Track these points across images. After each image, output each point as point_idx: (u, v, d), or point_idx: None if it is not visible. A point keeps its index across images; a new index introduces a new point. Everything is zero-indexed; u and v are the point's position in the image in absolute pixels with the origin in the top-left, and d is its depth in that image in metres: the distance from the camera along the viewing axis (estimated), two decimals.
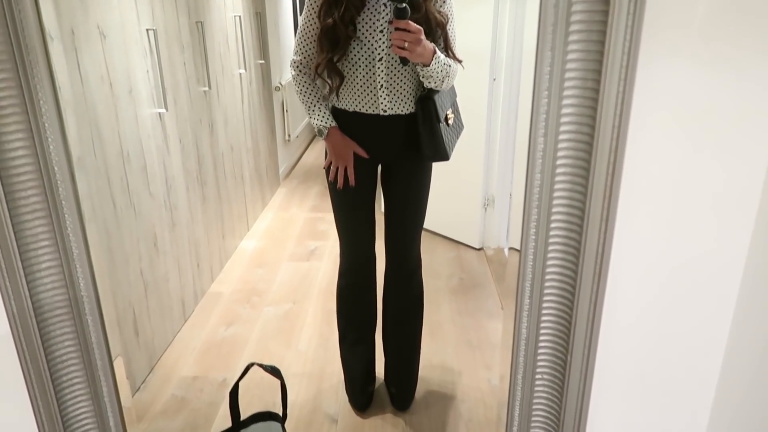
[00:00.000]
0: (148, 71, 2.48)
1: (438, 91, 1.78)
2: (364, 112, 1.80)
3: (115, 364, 1.01)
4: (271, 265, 3.47)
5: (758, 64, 0.85)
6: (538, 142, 0.76)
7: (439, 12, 1.72)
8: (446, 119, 1.82)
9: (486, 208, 3.63)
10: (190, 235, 2.95)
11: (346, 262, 2.08)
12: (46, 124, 0.79)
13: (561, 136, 0.80)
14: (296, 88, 1.88)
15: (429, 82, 1.72)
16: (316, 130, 1.88)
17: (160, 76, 2.54)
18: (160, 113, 2.59)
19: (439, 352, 2.53)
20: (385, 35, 1.69)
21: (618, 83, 0.76)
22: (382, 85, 1.75)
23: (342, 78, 1.77)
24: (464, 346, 2.57)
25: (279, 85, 4.84)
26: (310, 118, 1.88)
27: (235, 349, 2.59)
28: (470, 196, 3.62)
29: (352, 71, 1.75)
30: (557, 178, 0.80)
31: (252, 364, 1.72)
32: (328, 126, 1.84)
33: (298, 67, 1.85)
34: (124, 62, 2.29)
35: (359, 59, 1.73)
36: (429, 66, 1.65)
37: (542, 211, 0.79)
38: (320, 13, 1.72)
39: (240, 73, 3.78)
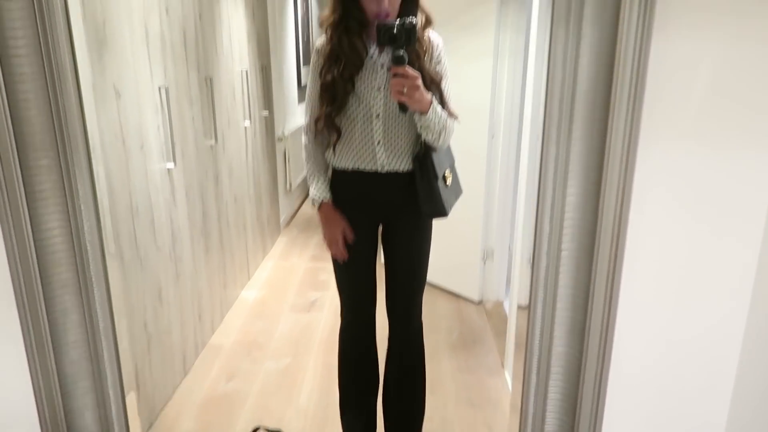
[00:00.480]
0: (159, 127, 2.56)
1: (435, 150, 1.82)
2: (363, 168, 1.83)
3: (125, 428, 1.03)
4: (272, 316, 3.48)
5: (747, 145, 0.91)
6: (544, 226, 0.81)
7: (434, 70, 1.78)
8: (444, 179, 1.86)
9: (485, 261, 3.66)
10: (193, 286, 2.97)
11: (346, 322, 2.09)
12: (82, 206, 0.83)
13: (566, 214, 0.84)
14: (304, 153, 1.95)
15: (427, 134, 1.74)
16: (311, 199, 1.96)
17: (170, 132, 2.62)
18: (169, 168, 2.66)
19: (439, 408, 2.51)
20: (383, 93, 1.75)
21: (620, 165, 0.81)
22: (379, 141, 1.79)
23: (339, 133, 1.82)
24: (465, 404, 2.57)
25: (282, 135, 4.95)
26: (309, 185, 1.96)
27: (236, 405, 2.57)
28: (469, 248, 3.66)
29: (350, 127, 1.81)
30: (562, 261, 0.84)
31: (258, 428, 1.73)
32: (322, 199, 1.90)
33: (306, 132, 1.93)
34: (137, 119, 2.37)
35: (357, 115, 1.79)
36: (426, 115, 1.68)
37: (548, 295, 0.83)
38: (321, 71, 1.79)
39: (245, 125, 3.87)
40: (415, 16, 1.73)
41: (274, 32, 4.61)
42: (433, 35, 1.80)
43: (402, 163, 1.83)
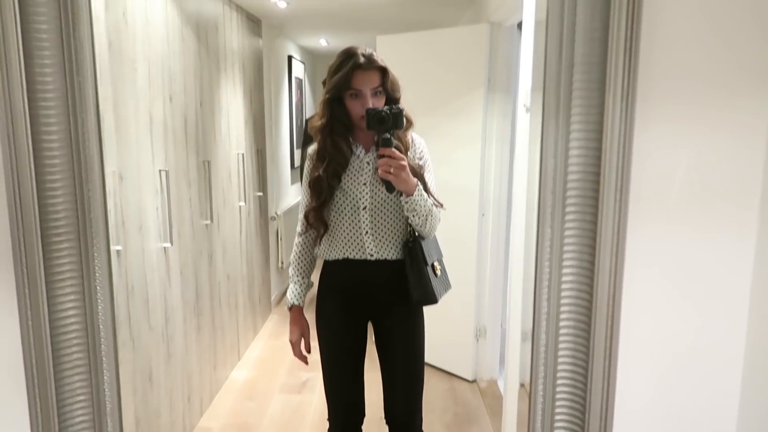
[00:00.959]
0: (158, 208, 2.61)
1: (423, 239, 1.88)
2: (352, 257, 1.88)
3: None
4: (262, 398, 3.39)
5: (726, 228, 0.98)
6: (542, 306, 0.85)
7: (417, 164, 1.87)
8: (433, 268, 1.90)
9: (478, 339, 3.65)
10: (183, 367, 2.92)
11: (334, 422, 2.03)
12: (98, 288, 0.86)
13: (563, 293, 0.89)
14: (293, 249, 2.05)
15: (414, 217, 1.79)
16: (286, 299, 2.04)
17: (168, 213, 2.67)
18: (165, 247, 2.69)
19: None
20: (368, 188, 1.84)
21: (611, 248, 0.87)
22: (367, 231, 1.86)
23: (326, 226, 1.90)
24: None
25: (275, 215, 5.02)
26: (289, 283, 2.05)
27: None
28: (462, 326, 3.66)
29: (339, 219, 1.88)
30: (561, 339, 0.88)
31: None
32: (294, 303, 2.00)
33: (299, 233, 2.00)
34: (137, 201, 2.43)
35: (345, 208, 1.87)
36: (412, 196, 1.74)
37: (548, 373, 0.86)
38: (311, 168, 1.90)
39: (240, 206, 3.95)
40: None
41: (269, 117, 4.80)
42: (415, 136, 1.93)
43: (391, 252, 1.87)
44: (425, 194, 1.80)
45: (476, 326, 3.64)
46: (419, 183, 1.77)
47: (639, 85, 0.82)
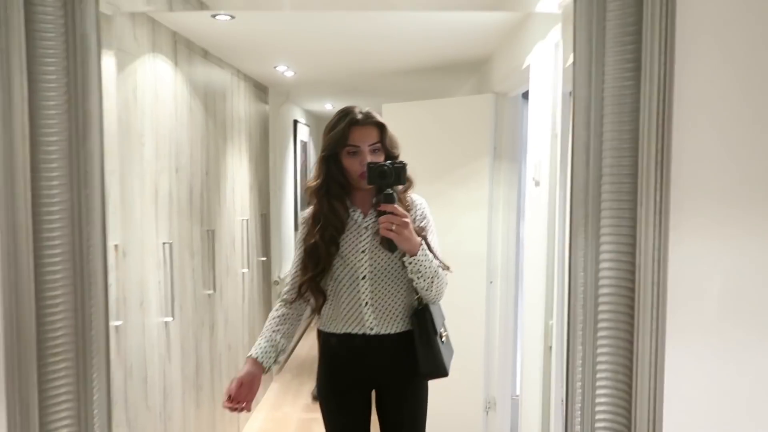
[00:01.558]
0: (160, 282, 2.56)
1: (432, 303, 1.79)
2: (351, 332, 1.77)
3: None
4: None
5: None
6: (576, 395, 0.78)
7: (419, 226, 1.77)
8: (441, 336, 1.80)
9: (487, 412, 3.51)
10: None
11: None
12: (95, 411, 0.80)
13: (597, 416, 0.82)
14: (271, 313, 1.88)
15: (419, 280, 1.69)
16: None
17: (171, 286, 2.61)
18: (166, 321, 2.61)
19: None
20: (368, 255, 1.74)
21: (650, 366, 0.80)
22: (367, 303, 1.75)
23: (324, 296, 1.79)
24: None
25: (278, 278, 4.95)
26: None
27: None
28: (470, 398, 3.52)
29: (336, 290, 1.78)
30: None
31: None
32: (251, 354, 1.81)
33: (283, 301, 1.86)
34: (140, 276, 2.37)
35: (343, 278, 1.77)
36: (416, 257, 1.64)
37: None
38: (305, 236, 1.79)
39: (243, 272, 3.89)
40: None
41: (274, 181, 4.81)
42: (415, 196, 1.83)
43: (392, 326, 1.78)
44: (430, 254, 1.69)
45: (485, 398, 3.51)
46: (423, 242, 1.69)
47: (672, 195, 0.78)
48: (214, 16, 2.51)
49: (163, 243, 2.59)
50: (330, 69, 3.87)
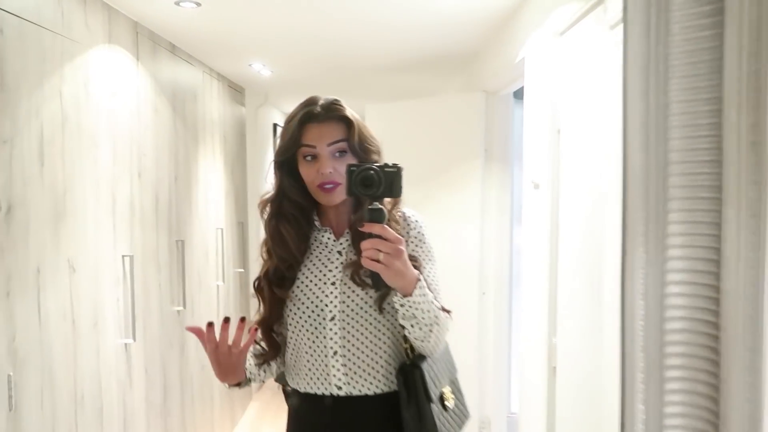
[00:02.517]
0: (118, 300, 2.29)
1: (426, 358, 1.26)
2: (315, 392, 1.28)
3: None
4: None
5: None
6: None
7: (412, 254, 1.26)
8: (442, 399, 1.30)
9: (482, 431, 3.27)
10: None
11: None
12: None
13: None
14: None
15: (413, 327, 1.19)
16: None
17: (131, 304, 2.35)
18: (126, 344, 2.35)
19: None
20: (338, 288, 1.25)
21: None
22: (335, 352, 1.25)
23: (276, 348, 1.33)
24: None
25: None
26: None
27: None
28: None
29: (296, 334, 1.29)
30: None
31: None
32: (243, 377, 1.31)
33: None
34: (93, 294, 2.11)
35: (303, 320, 1.27)
36: (411, 296, 1.14)
37: None
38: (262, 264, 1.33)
39: (218, 285, 3.62)
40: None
41: (253, 186, 4.54)
42: (408, 211, 1.32)
43: (369, 384, 1.26)
44: (429, 293, 1.18)
45: (480, 417, 3.27)
46: (421, 277, 1.17)
47: None
48: (177, 3, 2.26)
49: (123, 256, 2.33)
50: (309, 67, 3.64)
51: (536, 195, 2.10)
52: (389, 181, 1.13)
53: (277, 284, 1.28)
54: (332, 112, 1.25)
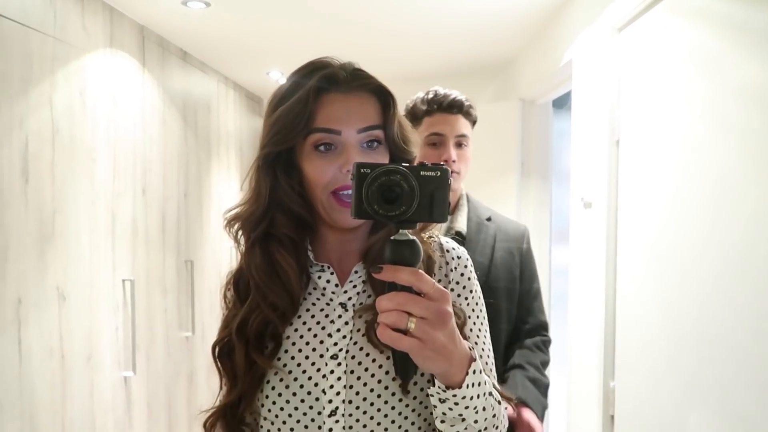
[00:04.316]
0: (117, 328, 2.08)
1: None
2: None
3: None
4: None
5: None
6: None
7: (457, 309, 0.80)
8: None
9: None
10: None
11: None
12: None
13: None
14: None
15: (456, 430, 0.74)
16: None
17: (132, 333, 2.13)
18: (125, 377, 2.12)
19: None
20: (342, 365, 0.80)
21: None
22: None
23: None
24: None
25: None
26: None
27: None
28: None
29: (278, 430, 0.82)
30: None
31: None
32: None
33: None
34: (87, 324, 1.89)
35: (287, 412, 0.80)
36: (460, 389, 0.70)
37: None
38: (224, 318, 0.87)
39: None
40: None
41: None
42: (447, 242, 0.89)
43: None
44: (486, 379, 0.74)
45: None
46: (474, 354, 0.72)
47: None
48: (184, 2, 2.06)
49: (123, 280, 2.11)
50: None
51: (587, 214, 1.82)
52: (427, 194, 0.66)
53: (256, 346, 0.81)
54: (363, 80, 0.83)
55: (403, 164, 0.67)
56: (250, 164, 0.85)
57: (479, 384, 0.71)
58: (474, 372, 0.70)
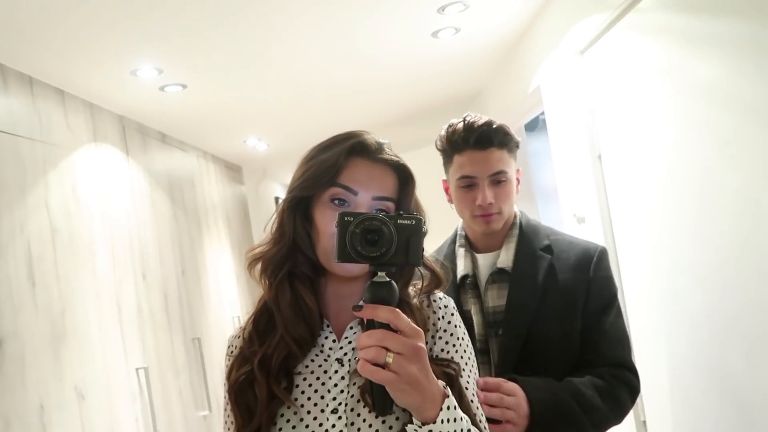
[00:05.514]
0: (137, 418, 2.04)
1: None
2: None
3: None
4: None
5: None
6: None
7: (442, 354, 0.87)
8: None
9: None
10: None
11: None
12: None
13: None
14: None
15: None
16: None
17: (152, 420, 2.09)
18: None
19: None
20: (343, 419, 0.83)
21: None
22: None
23: None
24: None
25: None
26: None
27: None
28: None
29: None
30: None
31: None
32: None
33: None
34: (107, 418, 1.86)
35: None
36: (435, 423, 0.74)
37: None
38: (231, 368, 0.88)
39: None
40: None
41: None
42: (433, 292, 0.93)
43: None
44: (462, 416, 0.77)
45: None
46: (448, 391, 0.76)
47: None
48: (161, 88, 2.12)
49: (136, 369, 2.09)
50: (307, 135, 3.49)
51: (582, 228, 1.88)
52: (404, 239, 0.74)
53: (276, 379, 0.84)
54: (388, 155, 0.89)
55: (383, 213, 0.77)
56: (239, 231, 0.90)
57: (455, 420, 0.75)
58: (448, 408, 0.74)
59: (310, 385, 0.85)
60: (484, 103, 3.00)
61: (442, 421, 0.73)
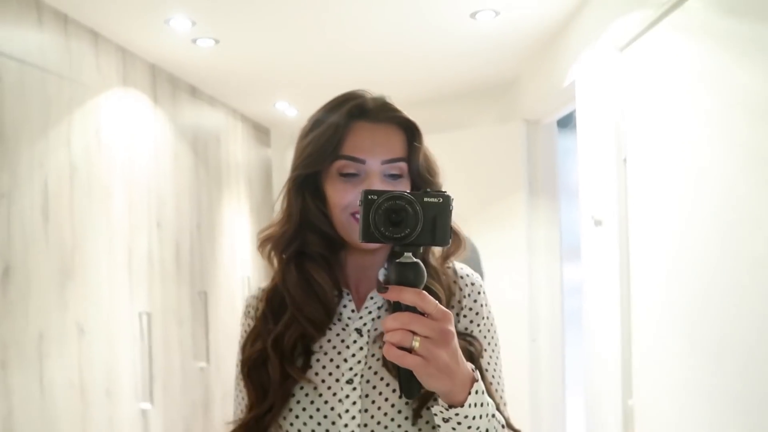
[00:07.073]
0: (134, 361, 2.09)
1: None
2: None
3: None
4: None
5: None
6: None
7: (470, 336, 0.86)
8: None
9: None
10: None
11: None
12: None
13: None
14: None
15: None
16: None
17: (149, 365, 2.14)
18: (143, 409, 2.13)
19: None
20: (358, 390, 0.82)
21: None
22: None
23: None
24: None
25: None
26: None
27: None
28: None
29: None
30: None
31: None
32: None
33: None
34: (106, 357, 1.91)
35: (309, 428, 0.83)
36: (462, 407, 0.72)
37: None
38: (245, 343, 0.89)
39: None
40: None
41: None
42: (460, 268, 0.91)
43: None
44: (489, 401, 0.76)
45: None
46: (477, 375, 0.74)
47: None
48: (194, 41, 2.12)
49: (140, 313, 2.14)
50: None
51: (598, 232, 1.84)
52: (430, 219, 0.69)
53: (290, 359, 0.83)
54: (391, 112, 0.86)
55: (408, 191, 0.71)
56: (259, 195, 0.88)
57: (482, 404, 0.73)
58: (476, 392, 0.72)
59: (326, 354, 0.85)
60: (519, 93, 2.94)
61: (470, 405, 0.72)
